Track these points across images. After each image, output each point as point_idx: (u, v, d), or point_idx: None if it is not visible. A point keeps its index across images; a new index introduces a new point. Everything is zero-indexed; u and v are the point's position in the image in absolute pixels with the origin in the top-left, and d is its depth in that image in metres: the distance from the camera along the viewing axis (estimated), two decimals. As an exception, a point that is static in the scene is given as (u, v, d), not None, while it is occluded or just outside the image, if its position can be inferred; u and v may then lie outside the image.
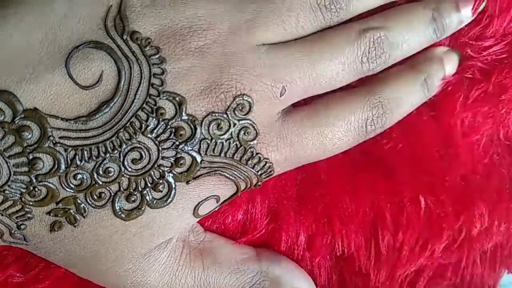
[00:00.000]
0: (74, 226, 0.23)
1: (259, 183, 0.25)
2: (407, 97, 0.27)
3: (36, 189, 0.21)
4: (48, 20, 0.21)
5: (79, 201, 0.22)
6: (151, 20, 0.22)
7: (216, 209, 0.25)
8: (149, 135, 0.22)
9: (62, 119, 0.21)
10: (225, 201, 0.25)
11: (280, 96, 0.24)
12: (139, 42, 0.22)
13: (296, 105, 0.25)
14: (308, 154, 0.25)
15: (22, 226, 0.22)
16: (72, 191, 0.22)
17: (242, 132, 0.23)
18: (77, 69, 0.21)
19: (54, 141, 0.21)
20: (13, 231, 0.22)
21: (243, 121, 0.23)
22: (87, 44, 0.21)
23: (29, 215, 0.22)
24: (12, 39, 0.21)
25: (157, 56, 0.22)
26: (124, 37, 0.21)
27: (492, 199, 0.27)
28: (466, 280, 0.27)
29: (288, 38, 0.24)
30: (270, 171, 0.25)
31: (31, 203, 0.22)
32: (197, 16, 0.22)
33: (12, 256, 0.26)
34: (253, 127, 0.24)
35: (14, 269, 0.26)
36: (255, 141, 0.24)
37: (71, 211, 0.22)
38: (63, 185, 0.22)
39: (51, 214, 0.22)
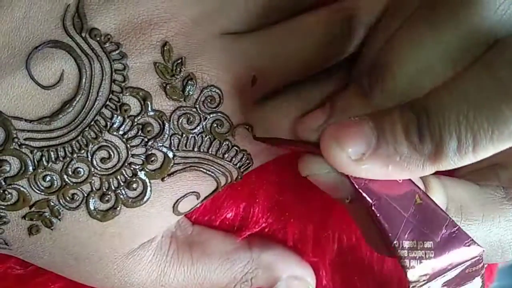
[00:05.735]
0: (51, 229, 0.22)
1: (239, 177, 0.24)
2: None
3: (7, 193, 0.21)
4: (8, 24, 0.21)
5: (52, 204, 0.22)
6: (110, 16, 0.21)
7: (198, 205, 0.25)
8: (115, 133, 0.22)
9: (26, 120, 0.21)
10: (206, 197, 0.24)
11: (252, 85, 0.23)
12: (98, 39, 0.21)
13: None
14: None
15: (0, 231, 0.22)
16: (43, 193, 0.22)
17: (214, 125, 0.23)
18: (37, 69, 0.21)
19: (19, 143, 0.21)
20: None
21: (214, 114, 0.23)
22: (46, 44, 0.21)
23: (5, 219, 0.22)
24: None
25: (117, 52, 0.21)
26: (83, 34, 0.21)
27: None
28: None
29: (253, 27, 0.23)
30: (249, 163, 0.24)
31: (3, 207, 0.22)
32: (157, 8, 0.22)
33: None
34: (226, 119, 0.23)
35: (14, 261, 0.26)
36: (230, 134, 0.23)
37: (46, 214, 0.22)
38: (33, 187, 0.21)
39: (27, 218, 0.22)
